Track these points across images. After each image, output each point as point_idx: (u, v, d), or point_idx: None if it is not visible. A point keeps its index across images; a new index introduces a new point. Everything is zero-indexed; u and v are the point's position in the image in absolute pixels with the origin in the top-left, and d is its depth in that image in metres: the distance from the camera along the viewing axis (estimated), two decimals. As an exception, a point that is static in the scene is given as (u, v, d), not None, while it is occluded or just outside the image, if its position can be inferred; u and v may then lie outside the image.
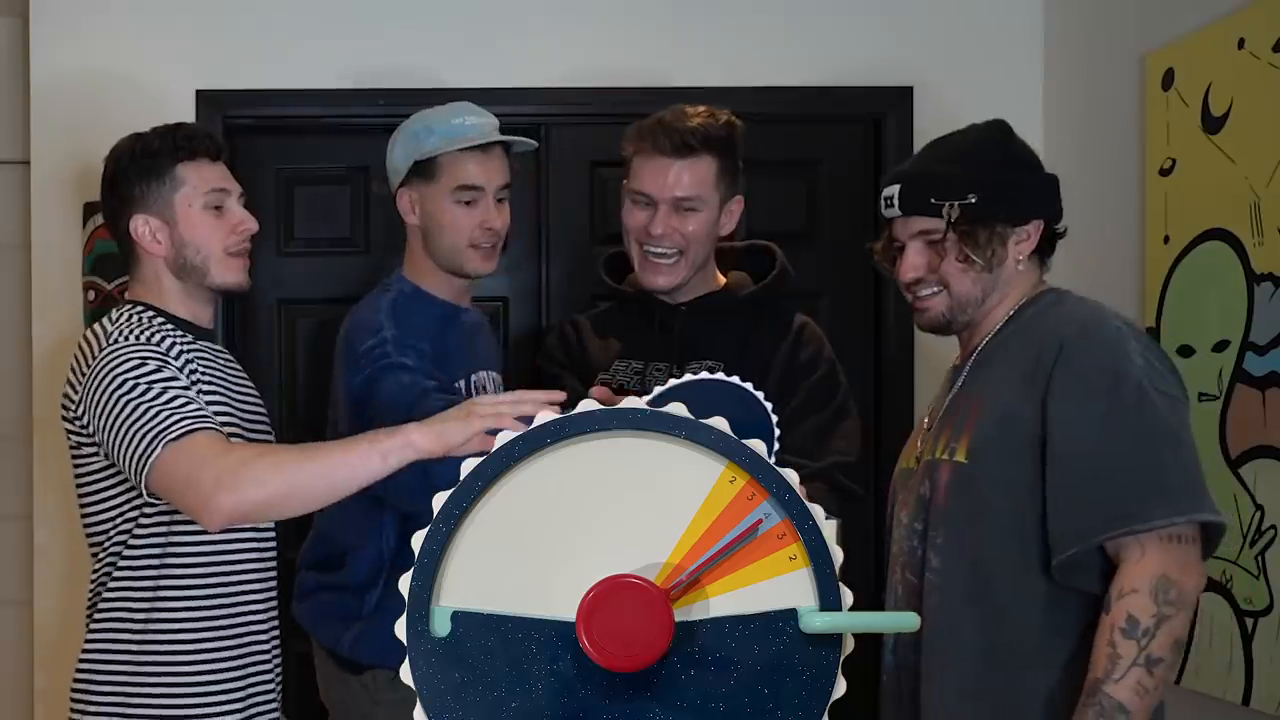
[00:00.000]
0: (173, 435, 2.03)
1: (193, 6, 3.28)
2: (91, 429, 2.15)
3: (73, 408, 2.19)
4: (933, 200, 2.00)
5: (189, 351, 2.21)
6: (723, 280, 2.57)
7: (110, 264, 3.18)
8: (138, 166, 2.24)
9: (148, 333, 2.17)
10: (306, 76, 3.28)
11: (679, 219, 2.42)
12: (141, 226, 2.24)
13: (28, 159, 3.31)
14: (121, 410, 2.08)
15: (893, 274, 2.12)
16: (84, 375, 2.16)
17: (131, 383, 2.09)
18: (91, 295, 3.19)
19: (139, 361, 2.11)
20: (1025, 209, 2.02)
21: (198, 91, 3.25)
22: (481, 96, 3.29)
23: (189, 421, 2.05)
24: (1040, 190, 2.06)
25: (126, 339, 2.15)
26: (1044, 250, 2.07)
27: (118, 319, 2.22)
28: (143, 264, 2.27)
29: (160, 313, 2.25)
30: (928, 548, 1.99)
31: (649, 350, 2.50)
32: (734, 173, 2.47)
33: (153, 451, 2.04)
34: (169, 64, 3.26)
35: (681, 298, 2.51)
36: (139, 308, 2.25)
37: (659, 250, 2.44)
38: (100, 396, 2.11)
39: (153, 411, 2.06)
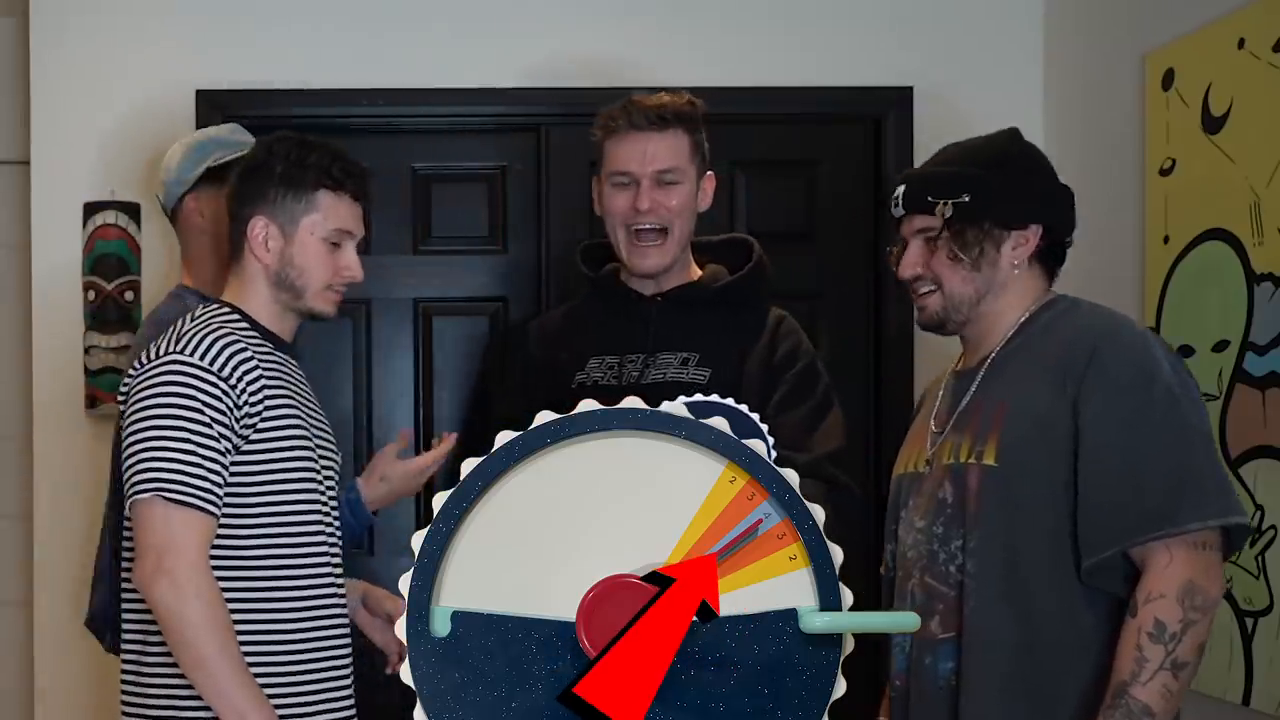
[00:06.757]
0: (169, 494, 2.06)
1: (193, 6, 3.28)
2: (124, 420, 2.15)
3: (124, 395, 2.18)
4: (929, 198, 2.05)
5: (265, 364, 2.18)
6: (699, 272, 2.57)
7: (110, 264, 3.18)
8: (286, 172, 2.21)
9: (226, 349, 2.13)
10: (306, 76, 3.28)
11: (663, 193, 2.44)
12: (260, 229, 2.21)
13: (28, 159, 3.31)
14: (145, 429, 2.10)
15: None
16: (143, 364, 2.15)
17: (167, 410, 2.09)
18: (91, 295, 3.18)
19: (188, 392, 2.09)
20: (1021, 213, 2.04)
21: (198, 91, 3.25)
22: (481, 96, 3.31)
23: (191, 493, 2.07)
24: (1043, 197, 2.07)
25: (194, 352, 2.12)
26: (1048, 258, 2.09)
27: (202, 318, 2.19)
28: (245, 263, 2.25)
29: (247, 318, 2.23)
30: (961, 552, 1.99)
31: (622, 342, 2.50)
32: (703, 149, 2.51)
33: (146, 491, 2.08)
34: (169, 64, 3.26)
35: (658, 288, 2.52)
36: (226, 310, 2.23)
37: (646, 227, 2.45)
38: (138, 400, 2.12)
39: (167, 455, 2.08)
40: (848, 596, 1.45)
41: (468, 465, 1.46)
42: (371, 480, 2.49)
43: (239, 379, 2.12)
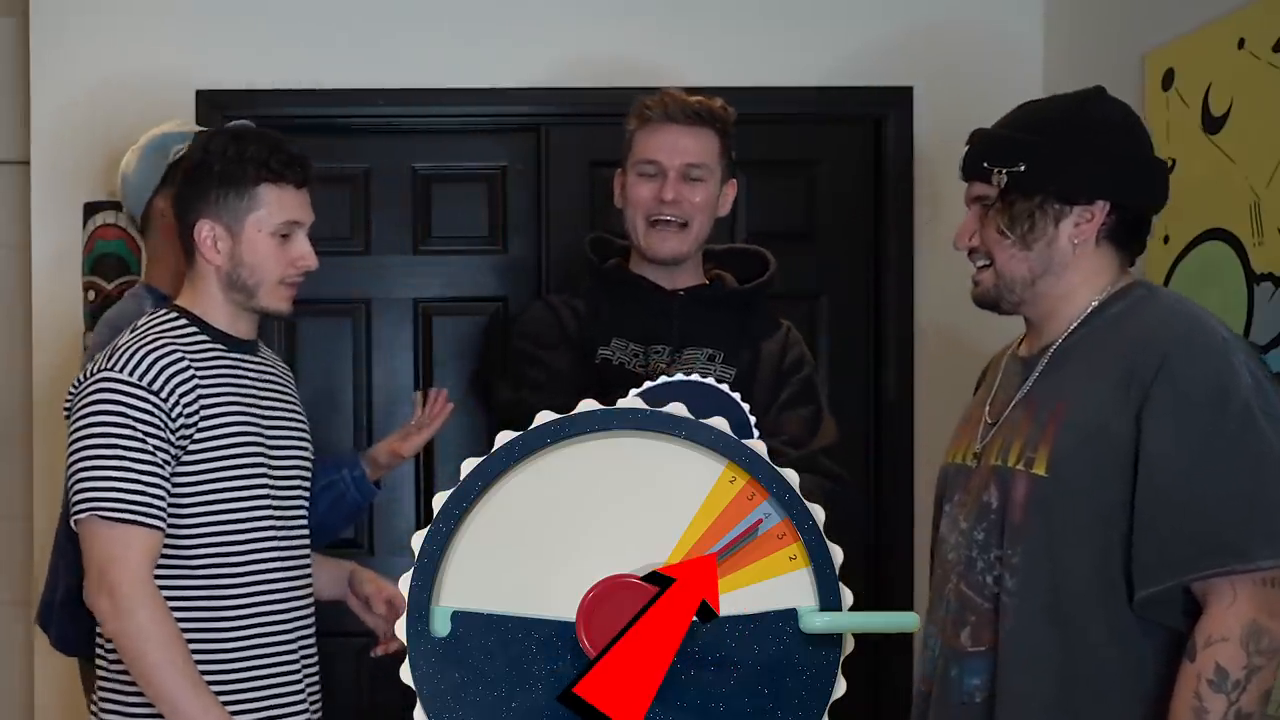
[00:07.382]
0: (105, 513, 2.08)
1: (193, 6, 3.28)
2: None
3: (68, 411, 2.19)
4: (985, 165, 1.88)
5: (205, 371, 2.17)
6: (706, 281, 2.60)
7: (110, 264, 3.17)
8: (223, 172, 2.18)
9: (158, 363, 2.12)
10: (306, 76, 3.28)
11: (688, 188, 2.46)
12: (206, 232, 2.19)
13: (28, 159, 3.31)
14: (80, 449, 2.11)
15: None
16: (80, 383, 2.16)
17: (100, 429, 2.10)
18: (91, 295, 3.18)
19: (120, 410, 2.09)
20: (1084, 187, 1.84)
21: (198, 92, 3.25)
22: (480, 97, 3.31)
23: (127, 508, 2.08)
24: (1116, 170, 1.86)
25: (124, 369, 2.11)
26: (1124, 238, 1.88)
27: (141, 329, 2.19)
28: (196, 265, 2.24)
29: (196, 321, 2.22)
30: (1000, 564, 1.84)
31: (646, 333, 2.50)
32: (730, 155, 2.53)
33: (84, 511, 2.09)
34: (169, 64, 3.26)
35: (677, 285, 2.53)
36: (173, 316, 2.22)
37: (667, 218, 2.46)
38: (75, 420, 2.14)
39: (102, 474, 2.09)
40: (848, 596, 1.45)
41: (467, 465, 1.46)
42: (375, 464, 2.54)
43: (171, 391, 2.12)
